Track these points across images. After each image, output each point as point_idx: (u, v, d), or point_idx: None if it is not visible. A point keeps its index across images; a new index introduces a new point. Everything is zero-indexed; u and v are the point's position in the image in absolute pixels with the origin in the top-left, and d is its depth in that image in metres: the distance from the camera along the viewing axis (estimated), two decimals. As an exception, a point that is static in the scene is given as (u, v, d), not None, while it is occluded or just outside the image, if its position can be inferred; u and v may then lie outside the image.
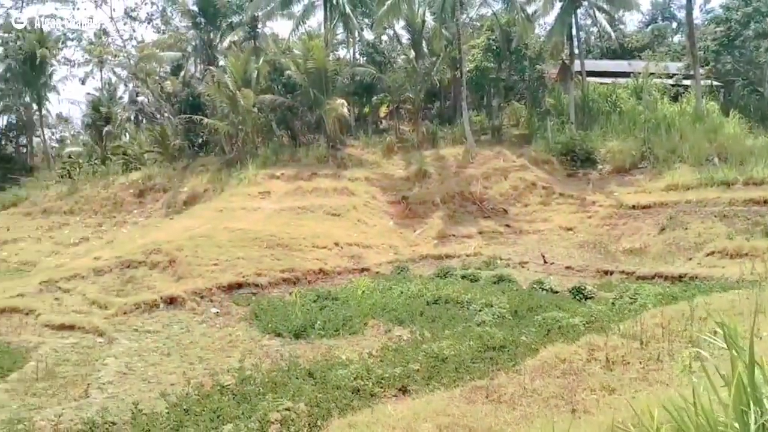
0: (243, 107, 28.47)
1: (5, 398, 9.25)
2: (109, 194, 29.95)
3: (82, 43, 47.79)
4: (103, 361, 10.83)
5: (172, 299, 14.28)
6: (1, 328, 13.46)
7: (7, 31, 46.17)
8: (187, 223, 21.59)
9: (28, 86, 43.53)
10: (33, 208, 31.24)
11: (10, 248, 26.24)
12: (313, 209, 22.50)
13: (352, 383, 8.09)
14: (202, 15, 34.48)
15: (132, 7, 42.97)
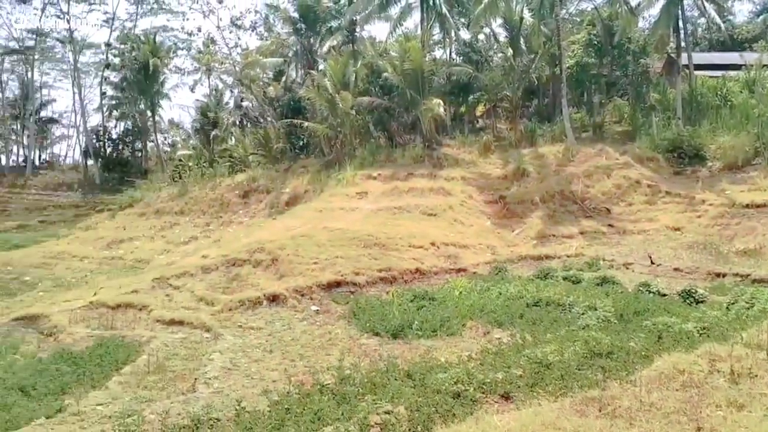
0: (341, 110, 28.94)
1: (119, 390, 9.67)
2: (216, 195, 31.19)
3: (191, 52, 50.35)
4: (209, 357, 11.15)
5: (275, 297, 14.59)
6: (117, 322, 14.17)
7: (123, 43, 49.40)
8: (289, 223, 22.12)
9: (143, 94, 46.23)
10: (147, 209, 33.02)
11: (126, 246, 27.88)
12: (409, 209, 22.47)
13: (452, 387, 7.92)
14: (302, 21, 35.43)
15: (237, 16, 45.08)
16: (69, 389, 10.04)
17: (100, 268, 24.90)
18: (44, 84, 59.60)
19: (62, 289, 21.14)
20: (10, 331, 14.54)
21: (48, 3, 49.85)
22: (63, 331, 13.72)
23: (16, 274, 25.26)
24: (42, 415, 8.82)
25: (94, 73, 56.62)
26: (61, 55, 57.40)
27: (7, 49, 54.18)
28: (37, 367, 11.36)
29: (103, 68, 51.99)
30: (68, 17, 49.69)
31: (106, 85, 51.92)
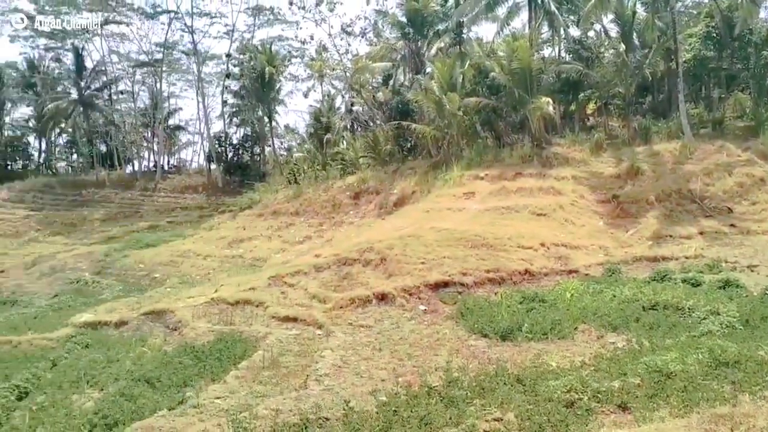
0: (449, 111, 28.87)
1: (236, 384, 10.13)
2: (329, 197, 32.01)
3: (305, 59, 51.97)
4: (321, 354, 11.44)
5: (383, 296, 14.77)
6: (236, 318, 14.86)
7: (242, 53, 51.88)
8: (397, 223, 22.34)
9: (261, 101, 48.25)
10: (265, 210, 34.39)
11: (246, 246, 29.21)
12: (517, 209, 22.04)
13: (565, 396, 7.69)
14: (410, 25, 35.71)
15: (348, 24, 45.78)
16: (190, 382, 10.64)
17: (221, 266, 26.22)
18: (171, 94, 63.60)
19: (187, 286, 22.53)
20: (140, 325, 15.69)
21: (174, 18, 53.18)
22: (187, 325, 14.55)
23: (147, 271, 27.22)
24: (165, 406, 9.39)
25: (216, 82, 59.79)
26: (187, 67, 61.10)
27: (138, 62, 58.31)
28: (163, 360, 12.17)
29: (224, 78, 54.75)
30: (192, 31, 52.82)
31: (227, 94, 54.65)
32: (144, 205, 47.03)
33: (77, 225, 42.66)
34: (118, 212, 45.29)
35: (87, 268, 28.64)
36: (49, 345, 15.39)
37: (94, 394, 11.32)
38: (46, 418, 10.33)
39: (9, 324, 19.22)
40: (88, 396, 11.21)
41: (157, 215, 44.04)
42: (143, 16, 54.33)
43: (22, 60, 60.37)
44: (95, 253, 31.74)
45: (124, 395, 10.38)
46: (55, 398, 11.33)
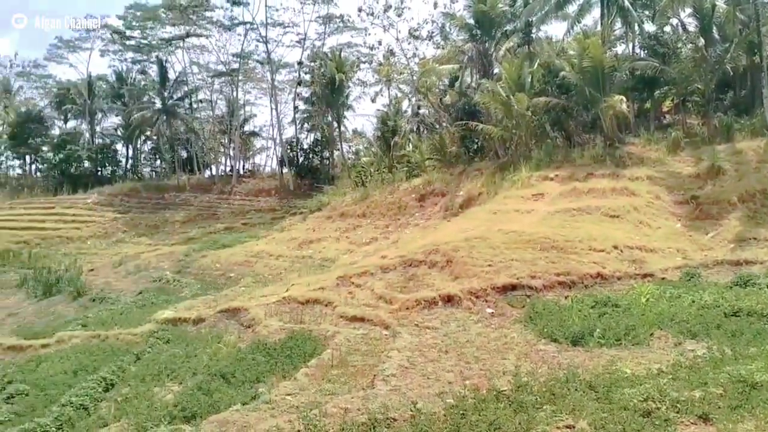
0: (517, 111, 28.52)
1: (306, 382, 10.34)
2: (395, 199, 32.18)
3: (373, 65, 52.48)
4: (387, 354, 11.51)
5: (450, 298, 14.72)
6: (306, 317, 15.19)
7: (313, 61, 52.97)
8: (463, 225, 22.23)
9: (330, 107, 49.14)
10: (333, 212, 34.87)
11: (315, 247, 29.73)
12: (589, 210, 21.49)
13: (642, 405, 7.41)
14: (478, 27, 35.45)
15: (415, 28, 45.94)
16: (263, 378, 10.98)
17: (292, 266, 26.75)
18: (247, 101, 65.33)
19: (260, 285, 23.17)
20: (216, 322, 16.29)
21: (250, 29, 54.85)
22: (260, 323, 14.97)
23: (223, 271, 28.12)
24: (239, 401, 9.73)
25: (288, 89, 61.18)
26: (261, 75, 62.66)
27: (216, 72, 60.48)
28: (237, 356, 12.59)
29: (296, 85, 56.11)
30: (267, 41, 54.27)
31: (299, 100, 55.90)
32: (221, 208, 48.66)
33: (160, 227, 44.60)
34: (197, 214, 47.04)
35: (168, 267, 29.84)
36: (134, 340, 16.31)
37: (173, 387, 11.91)
38: (130, 409, 10.94)
39: (98, 319, 20.42)
40: (168, 389, 11.82)
41: (233, 217, 45.46)
42: (221, 28, 56.27)
43: (111, 73, 63.85)
44: (176, 253, 33.11)
45: (201, 389, 10.84)
46: (138, 390, 12.01)
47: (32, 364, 15.71)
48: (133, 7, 56.90)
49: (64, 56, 64.29)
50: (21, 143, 59.50)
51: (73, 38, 61.55)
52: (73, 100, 62.34)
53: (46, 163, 59.10)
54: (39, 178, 60.97)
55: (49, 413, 11.63)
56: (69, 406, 11.74)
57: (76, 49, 63.04)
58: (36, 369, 15.19)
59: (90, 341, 16.78)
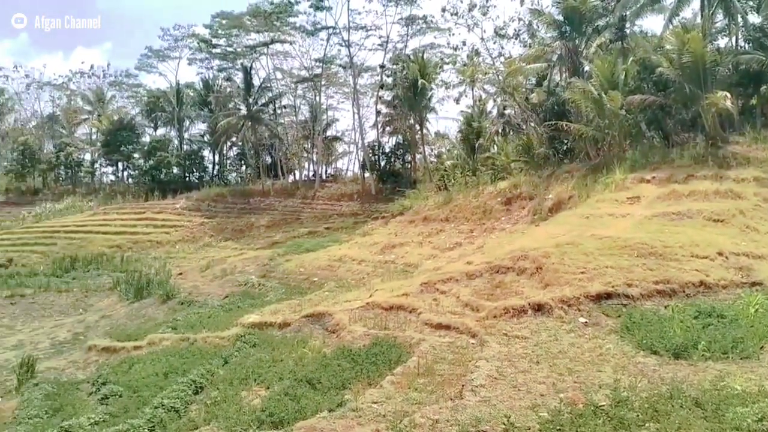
0: (609, 110, 27.36)
1: (391, 390, 10.10)
2: (479, 203, 31.57)
3: (456, 65, 51.88)
4: (475, 363, 11.09)
5: (540, 306, 14.08)
6: (390, 323, 14.90)
7: (395, 63, 52.98)
8: (553, 230, 21.44)
9: (412, 110, 48.98)
10: (415, 217, 34.67)
11: (398, 251, 29.56)
12: (690, 214, 20.20)
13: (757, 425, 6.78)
14: (567, 23, 34.32)
15: (501, 26, 45.08)
16: (349, 385, 10.84)
17: (375, 271, 26.67)
18: (329, 106, 66.46)
19: (343, 290, 23.12)
20: (301, 327, 16.28)
21: (332, 33, 55.51)
22: (344, 328, 14.82)
23: (306, 275, 28.40)
24: (325, 407, 9.65)
25: (370, 93, 61.63)
26: (343, 80, 63.48)
27: (299, 77, 61.68)
28: (322, 362, 12.49)
29: (378, 88, 56.35)
30: (349, 45, 54.73)
31: (381, 104, 56.14)
32: (304, 213, 49.44)
33: (245, 231, 45.71)
34: (281, 219, 47.93)
35: (254, 272, 30.33)
36: (221, 343, 16.51)
37: (261, 391, 11.94)
38: (219, 412, 11.04)
39: (187, 322, 20.94)
40: (255, 393, 11.87)
41: (316, 222, 46.06)
42: (304, 33, 57.30)
43: (198, 81, 66.52)
44: (261, 258, 33.75)
45: (288, 394, 10.81)
46: (226, 394, 12.13)
47: (125, 365, 16.22)
48: (219, 15, 58.83)
49: (153, 65, 67.68)
50: (114, 151, 62.71)
51: (162, 48, 64.79)
52: (162, 108, 65.41)
53: (138, 169, 62.19)
54: (131, 184, 64.28)
55: (142, 415, 11.92)
56: (161, 408, 12.01)
57: (165, 59, 66.20)
58: (129, 370, 15.68)
59: (179, 344, 17.18)
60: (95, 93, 71.34)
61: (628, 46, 33.21)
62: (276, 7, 54.26)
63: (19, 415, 14.01)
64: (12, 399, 15.75)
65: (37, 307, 30.09)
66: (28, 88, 74.57)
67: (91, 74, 72.75)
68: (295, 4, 54.05)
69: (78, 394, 15.23)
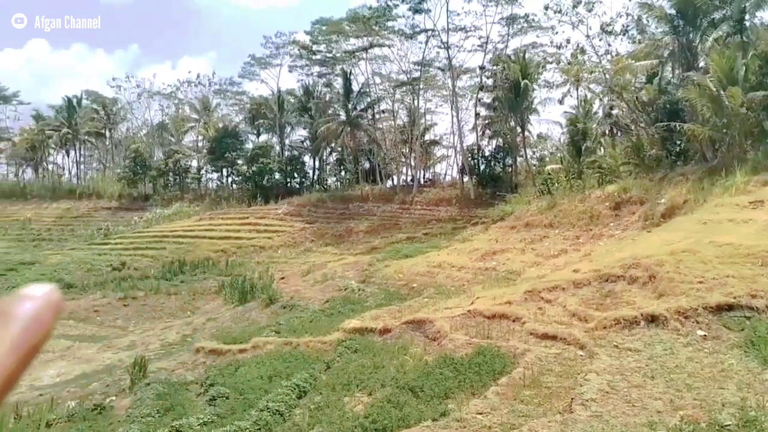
0: (729, 108, 25.61)
1: (496, 401, 9.90)
2: (586, 208, 30.39)
3: (560, 65, 50.36)
4: (584, 376, 10.70)
5: (653, 317, 13.33)
6: (492, 332, 14.62)
7: (495, 64, 52.10)
8: (666, 237, 20.30)
9: (513, 111, 47.92)
10: (517, 222, 33.86)
11: (499, 258, 28.99)
12: (822, 221, 18.60)
13: None
14: (680, 17, 32.48)
15: (607, 23, 43.28)
16: (451, 394, 10.74)
17: (475, 278, 26.29)
18: (428, 110, 66.14)
19: (443, 297, 22.91)
20: (401, 333, 16.24)
21: (431, 36, 55.02)
22: (445, 336, 14.66)
23: (405, 281, 28.41)
24: (428, 416, 9.61)
25: (469, 95, 60.87)
26: (442, 82, 62.88)
27: (398, 81, 61.79)
28: (424, 370, 12.45)
29: (477, 90, 55.61)
30: (448, 47, 54.24)
31: (480, 106, 55.31)
32: (402, 218, 49.41)
33: (344, 236, 46.27)
34: (379, 224, 48.14)
35: (353, 277, 30.58)
36: (323, 348, 16.71)
37: (363, 398, 12.04)
38: (323, 417, 11.22)
39: (289, 326, 21.41)
40: (358, 399, 11.98)
41: (414, 227, 45.85)
42: (403, 37, 57.08)
43: (299, 87, 67.81)
44: (360, 263, 34.03)
45: (390, 402, 10.86)
46: (329, 399, 12.31)
47: (231, 368, 16.61)
48: (318, 21, 59.72)
49: (256, 73, 69.53)
50: (219, 157, 64.54)
51: (264, 55, 66.45)
52: (264, 115, 67.38)
53: (241, 175, 63.57)
54: (234, 189, 66.15)
55: (248, 417, 12.19)
56: (266, 411, 12.24)
57: (266, 66, 67.85)
58: (235, 373, 16.06)
59: (282, 348, 17.47)
60: (201, 101, 74.14)
61: (748, 39, 30.97)
62: (375, 12, 54.44)
63: (132, 414, 14.60)
64: (125, 398, 16.42)
65: (148, 309, 31.76)
66: (139, 97, 78.59)
67: (198, 83, 75.56)
68: (394, 7, 53.95)
69: (187, 395, 15.75)
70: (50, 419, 14.85)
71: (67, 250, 47.51)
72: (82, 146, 76.79)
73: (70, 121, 70.55)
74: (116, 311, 31.65)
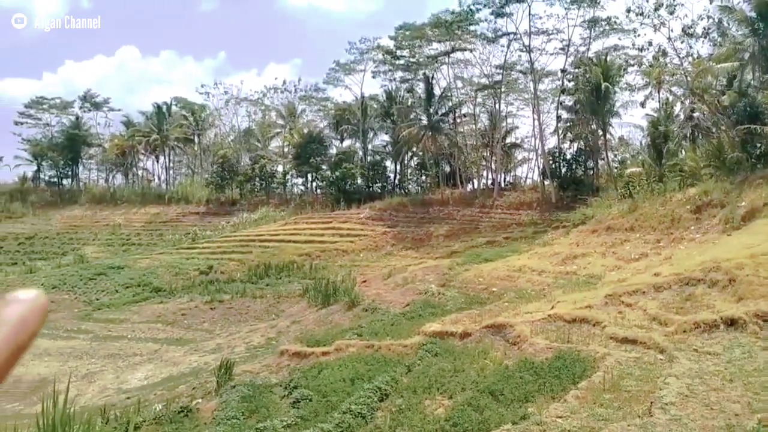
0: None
1: (576, 405, 10.16)
2: (667, 211, 29.85)
3: (642, 67, 49.27)
4: (664, 380, 10.85)
5: (733, 321, 13.37)
6: (573, 336, 14.85)
7: (577, 67, 51.50)
8: (746, 240, 19.88)
9: (594, 114, 47.20)
10: (598, 226, 33.52)
11: (579, 262, 28.78)
12: None
13: None
14: (760, 20, 31.45)
15: (689, 25, 42.16)
16: (531, 398, 10.98)
17: (555, 282, 26.20)
18: (509, 113, 65.71)
19: (523, 301, 23.01)
20: (482, 337, 16.48)
21: (513, 40, 54.90)
22: (525, 340, 14.89)
23: (485, 285, 28.54)
24: (509, 420, 9.85)
25: (550, 98, 60.28)
26: (523, 86, 62.61)
27: (479, 85, 61.52)
28: (504, 374, 12.68)
29: (559, 93, 55.07)
30: (530, 50, 54.00)
31: (561, 109, 54.78)
32: (482, 222, 49.35)
33: (424, 240, 46.52)
34: (459, 228, 48.23)
35: (433, 280, 30.70)
36: (404, 351, 16.86)
37: (444, 401, 12.34)
38: (404, 420, 11.57)
39: (371, 329, 21.59)
40: (438, 402, 12.28)
41: (494, 231, 45.74)
42: (485, 41, 57.04)
43: (382, 92, 68.52)
44: (440, 267, 34.09)
45: (471, 405, 11.11)
46: (410, 402, 12.58)
47: (314, 370, 16.77)
48: (402, 27, 60.15)
49: (340, 79, 70.14)
50: (304, 162, 65.95)
51: (348, 61, 67.24)
52: (348, 121, 68.50)
53: (325, 180, 64.73)
54: (318, 194, 67.23)
55: (331, 419, 12.32)
56: (348, 414, 12.36)
57: (351, 72, 68.49)
58: (318, 375, 16.17)
59: (364, 350, 17.55)
60: (287, 107, 75.77)
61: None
62: (457, 16, 54.63)
63: (218, 416, 14.92)
64: (212, 400, 16.82)
65: (234, 312, 32.63)
66: (226, 103, 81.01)
67: (284, 89, 77.21)
68: (476, 11, 54.09)
69: (271, 397, 15.91)
70: (137, 422, 15.05)
71: (156, 254, 49.11)
72: (171, 152, 79.78)
73: (159, 127, 73.72)
74: (203, 314, 32.49)
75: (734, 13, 33.85)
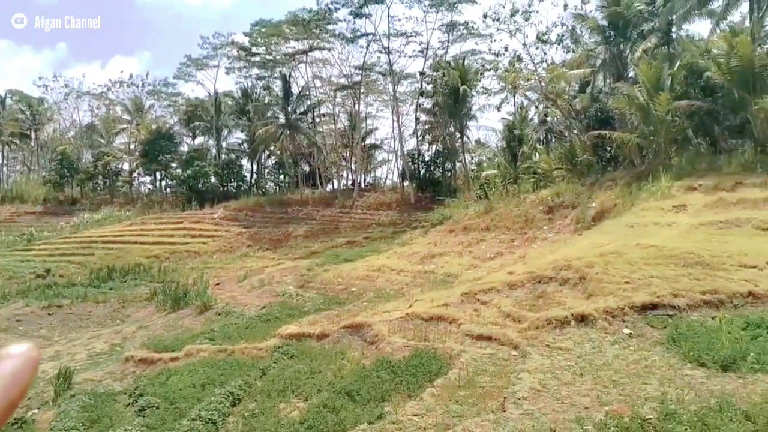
0: (655, 116, 26.80)
1: (432, 402, 10.02)
2: (521, 212, 31.13)
3: (498, 72, 51.52)
4: (517, 375, 10.93)
5: (583, 317, 13.76)
6: (430, 334, 14.74)
7: (435, 70, 52.84)
8: (596, 239, 21.03)
9: (452, 117, 48.72)
10: (455, 226, 34.33)
11: (437, 261, 29.31)
12: (738, 223, 19.56)
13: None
14: (611, 28, 33.90)
15: (543, 32, 44.56)
16: (388, 397, 10.77)
17: (414, 282, 26.41)
18: (368, 114, 66.54)
19: (382, 300, 22.93)
20: (339, 338, 16.16)
21: (372, 41, 55.38)
22: (383, 340, 14.71)
23: (345, 285, 28.30)
24: (365, 420, 9.60)
25: (410, 101, 61.57)
26: (383, 87, 63.52)
27: (339, 85, 61.77)
28: (361, 374, 12.41)
29: (418, 96, 56.29)
30: (389, 52, 54.72)
31: (420, 112, 56.07)
32: (342, 222, 49.33)
33: (283, 241, 45.75)
34: (319, 229, 47.92)
35: (291, 282, 30.15)
36: (259, 354, 16.41)
37: (299, 403, 11.90)
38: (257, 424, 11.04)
39: (224, 333, 20.80)
40: (294, 405, 11.82)
41: (354, 231, 45.83)
42: (344, 41, 57.23)
43: (237, 89, 66.87)
44: (299, 268, 33.60)
45: (326, 407, 10.78)
46: (264, 406, 12.08)
47: (162, 376, 16.12)
48: (258, 23, 59.04)
49: (192, 74, 67.77)
50: (152, 160, 62.88)
51: (200, 56, 65.05)
52: (200, 117, 66.05)
53: (175, 179, 62.21)
54: (168, 193, 64.56)
55: (179, 427, 11.85)
56: (198, 420, 11.93)
57: (203, 67, 66.30)
58: (166, 382, 15.58)
59: (217, 355, 17.07)
60: (134, 102, 71.80)
61: (674, 50, 32.53)
62: (315, 15, 54.33)
63: (56, 427, 14.00)
64: (49, 410, 15.74)
65: (75, 318, 30.20)
66: (66, 97, 75.58)
67: (130, 83, 73.24)
68: (335, 11, 54.18)
69: (115, 406, 15.18)
70: (-38, 436, 13.85)
71: (-13, 257, 44.78)
72: (6, 148, 73.83)
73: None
74: (40, 320, 29.96)
75: (587, 22, 36.25)
